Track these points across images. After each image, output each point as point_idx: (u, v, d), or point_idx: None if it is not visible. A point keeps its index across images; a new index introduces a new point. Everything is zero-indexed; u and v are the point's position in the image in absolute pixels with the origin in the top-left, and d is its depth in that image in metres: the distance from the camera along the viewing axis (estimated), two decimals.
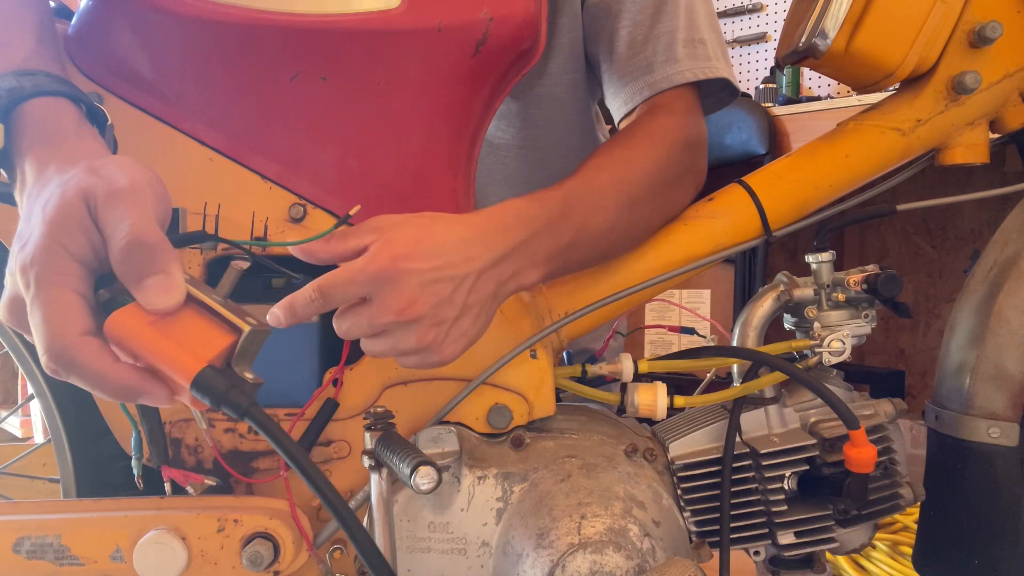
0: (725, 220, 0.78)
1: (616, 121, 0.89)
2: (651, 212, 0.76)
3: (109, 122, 0.58)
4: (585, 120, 1.00)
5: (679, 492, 0.71)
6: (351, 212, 0.61)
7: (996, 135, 0.80)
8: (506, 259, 0.61)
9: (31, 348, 0.75)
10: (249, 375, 0.45)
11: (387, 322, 0.56)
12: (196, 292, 0.45)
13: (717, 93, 0.87)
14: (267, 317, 0.53)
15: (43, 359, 0.43)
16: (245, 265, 0.48)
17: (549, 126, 0.97)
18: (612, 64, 0.86)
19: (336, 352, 0.69)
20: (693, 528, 0.71)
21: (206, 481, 0.67)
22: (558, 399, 0.74)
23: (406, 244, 0.56)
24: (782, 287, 0.76)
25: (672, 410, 0.71)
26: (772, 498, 0.71)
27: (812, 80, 2.62)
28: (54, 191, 0.46)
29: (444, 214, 0.61)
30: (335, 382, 0.68)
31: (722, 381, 0.80)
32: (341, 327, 0.58)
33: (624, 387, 0.73)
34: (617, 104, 0.86)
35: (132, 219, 0.44)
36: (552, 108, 0.95)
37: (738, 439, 0.71)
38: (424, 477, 0.54)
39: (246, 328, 0.44)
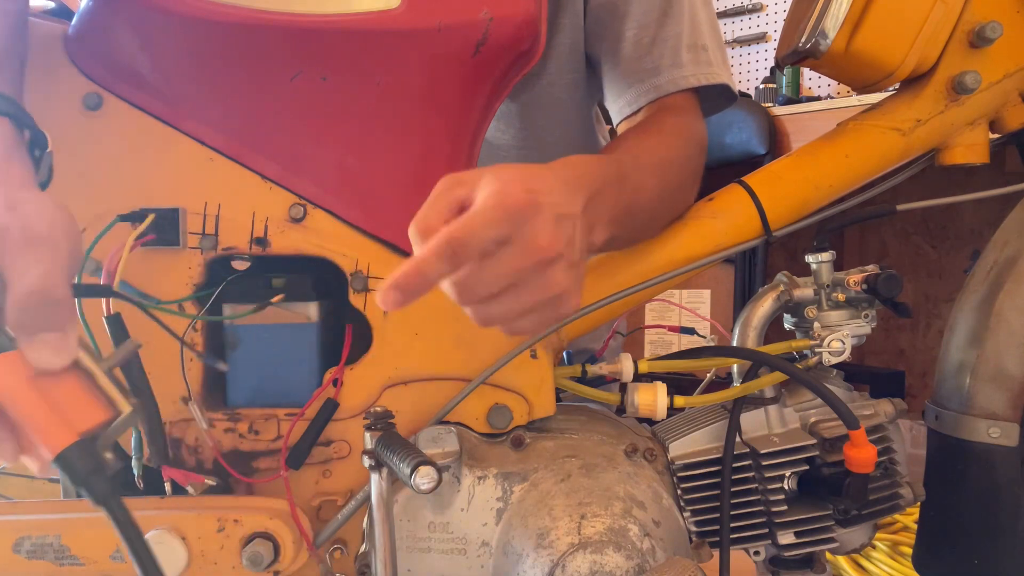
0: (725, 220, 0.78)
1: (616, 122, 0.89)
2: (676, 203, 0.77)
3: (49, 148, 0.55)
4: (585, 121, 1.00)
5: (679, 492, 0.71)
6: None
7: (996, 135, 0.80)
8: (589, 208, 0.56)
9: None
10: (109, 456, 0.42)
11: (532, 263, 0.48)
12: (85, 359, 0.43)
13: (715, 98, 0.88)
14: (378, 302, 0.46)
15: None
16: (137, 345, 0.44)
17: (549, 127, 0.97)
18: (616, 65, 0.86)
19: (336, 352, 0.69)
20: (693, 528, 0.71)
21: (206, 481, 0.67)
22: (558, 399, 0.74)
23: (528, 179, 0.50)
24: (782, 287, 0.76)
25: (672, 410, 0.71)
26: (772, 498, 0.71)
27: (812, 80, 2.62)
28: None
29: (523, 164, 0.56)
30: (335, 382, 0.68)
31: (722, 381, 0.80)
32: (476, 286, 0.49)
33: (624, 387, 0.73)
34: (620, 104, 0.87)
35: (42, 269, 0.42)
36: (552, 108, 0.95)
37: (738, 439, 0.71)
38: (424, 477, 0.54)
39: (126, 409, 0.41)
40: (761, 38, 2.80)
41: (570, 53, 0.91)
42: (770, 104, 2.28)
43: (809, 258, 0.76)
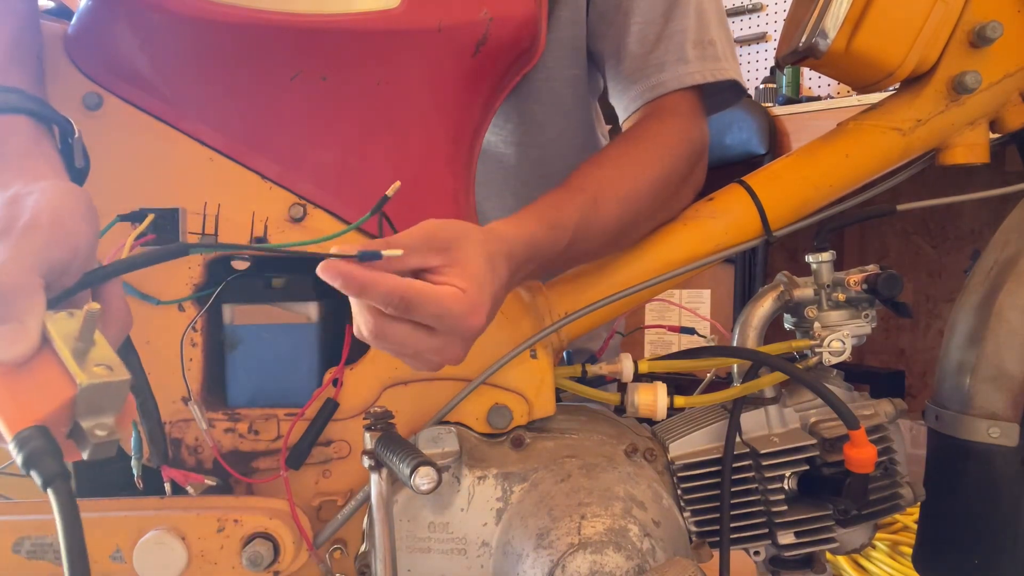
0: (725, 220, 0.78)
1: (621, 118, 0.89)
2: (648, 219, 0.78)
3: (77, 135, 0.55)
4: (584, 118, 1.00)
5: (679, 492, 0.71)
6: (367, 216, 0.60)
7: (996, 135, 0.80)
8: (511, 284, 0.63)
9: None
10: (101, 431, 0.41)
11: (427, 359, 0.57)
12: (54, 337, 0.41)
13: (723, 93, 0.87)
14: (319, 268, 0.51)
15: None
16: (98, 308, 0.42)
17: (548, 123, 0.97)
18: (621, 61, 0.85)
19: (336, 352, 0.69)
20: (693, 528, 0.71)
21: (206, 481, 0.67)
22: (558, 399, 0.74)
23: (482, 303, 0.56)
24: (782, 287, 0.76)
25: (672, 410, 0.71)
26: (772, 498, 0.71)
27: (812, 80, 2.62)
28: None
29: (491, 234, 0.61)
30: (335, 382, 0.68)
31: (722, 381, 0.80)
32: (385, 331, 0.55)
33: (624, 387, 0.73)
34: (624, 101, 0.86)
35: (2, 259, 0.42)
36: (550, 104, 0.95)
37: (738, 439, 0.71)
38: (424, 477, 0.54)
39: (82, 382, 0.40)
40: (761, 38, 2.80)
41: (571, 48, 0.91)
42: (770, 104, 2.28)
43: (809, 258, 0.76)
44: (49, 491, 0.39)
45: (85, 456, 0.41)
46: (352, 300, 0.55)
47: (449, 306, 0.54)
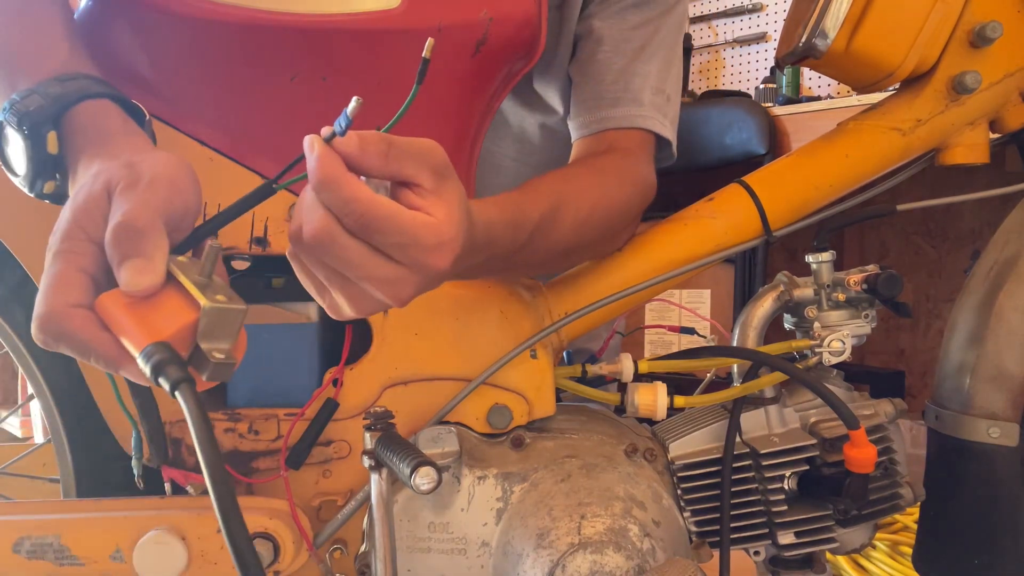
0: (725, 220, 0.78)
1: (573, 139, 0.88)
2: (594, 245, 0.76)
3: (147, 117, 0.58)
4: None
5: (679, 492, 0.71)
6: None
7: (996, 135, 0.80)
8: (458, 264, 0.55)
9: (31, 348, 0.75)
10: (219, 354, 0.45)
11: (375, 283, 0.49)
12: (177, 273, 0.46)
13: (662, 149, 0.86)
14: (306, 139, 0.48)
15: (33, 328, 0.45)
16: (218, 244, 0.48)
17: (544, 142, 0.97)
18: (583, 83, 0.85)
19: (336, 352, 0.69)
20: (693, 528, 0.71)
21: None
22: (558, 399, 0.74)
23: (457, 232, 0.50)
24: (782, 287, 0.76)
25: (672, 410, 0.71)
26: (772, 498, 0.71)
27: (812, 80, 2.62)
28: (87, 181, 0.49)
29: (471, 201, 0.55)
30: (335, 382, 0.68)
31: (722, 381, 0.80)
32: (325, 245, 0.48)
33: (624, 387, 0.73)
34: (577, 124, 0.85)
35: (129, 206, 0.46)
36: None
37: (738, 439, 0.71)
38: (424, 477, 0.54)
39: (205, 305, 0.45)
40: (761, 38, 2.80)
41: (568, 78, 0.91)
42: (770, 104, 2.28)
43: (809, 258, 0.76)
44: (177, 394, 0.42)
45: (205, 377, 0.45)
46: (305, 191, 0.49)
47: (420, 235, 0.48)
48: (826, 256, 0.75)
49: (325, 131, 0.48)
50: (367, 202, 0.47)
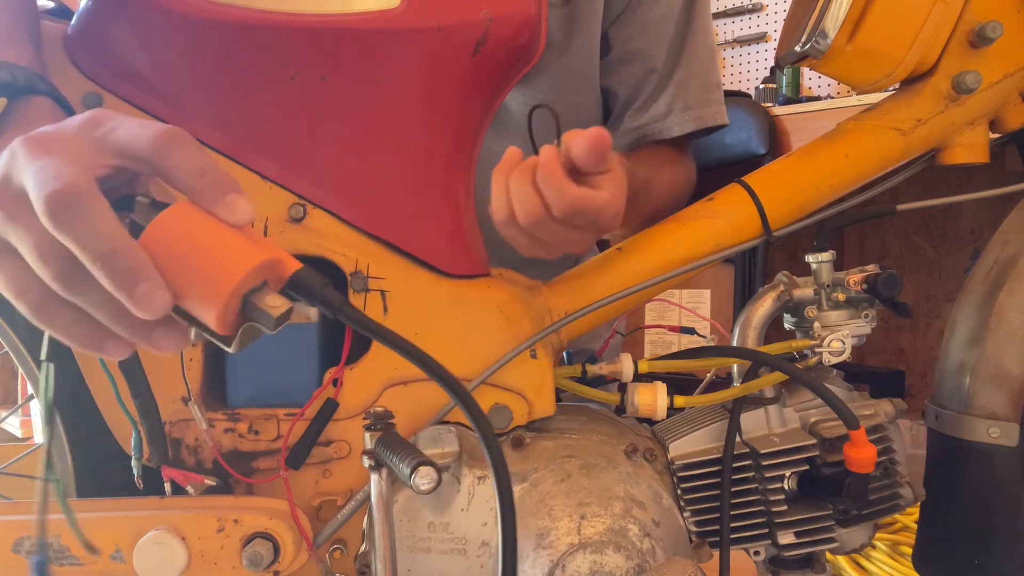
0: (725, 220, 0.77)
1: (623, 143, 0.96)
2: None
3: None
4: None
5: (679, 492, 0.71)
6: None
7: (996, 135, 0.80)
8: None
9: (31, 348, 0.75)
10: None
11: (577, 248, 0.69)
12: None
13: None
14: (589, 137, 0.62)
15: (44, 199, 0.37)
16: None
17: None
18: (627, 100, 0.96)
19: (336, 352, 0.69)
20: (693, 528, 0.71)
21: (206, 481, 0.67)
22: (558, 399, 0.74)
23: (624, 197, 0.66)
24: (782, 287, 0.76)
25: (672, 410, 0.71)
26: (772, 498, 0.71)
27: (812, 80, 2.62)
28: (75, 118, 0.43)
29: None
30: (335, 382, 0.68)
31: (722, 381, 0.80)
32: (537, 227, 0.64)
33: (624, 387, 0.73)
34: (619, 143, 0.96)
35: (200, 152, 0.44)
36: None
37: (738, 439, 0.71)
38: (424, 477, 0.54)
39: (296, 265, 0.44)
40: (761, 38, 2.80)
41: (579, 77, 0.94)
42: (770, 104, 2.28)
43: (809, 258, 0.76)
44: (339, 316, 0.45)
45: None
46: (516, 180, 0.63)
47: (604, 211, 0.63)
48: (826, 256, 0.75)
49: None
50: (582, 199, 0.61)
